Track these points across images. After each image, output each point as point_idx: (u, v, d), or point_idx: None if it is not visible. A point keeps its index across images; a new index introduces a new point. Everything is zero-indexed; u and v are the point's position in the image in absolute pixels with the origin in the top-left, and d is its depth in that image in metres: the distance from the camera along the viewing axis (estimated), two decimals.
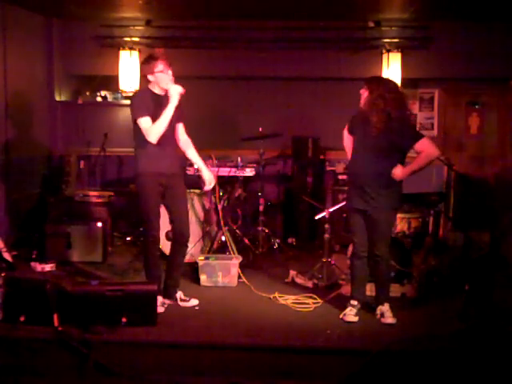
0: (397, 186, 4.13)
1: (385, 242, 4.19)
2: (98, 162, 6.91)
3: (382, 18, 6.82)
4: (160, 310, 4.24)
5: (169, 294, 4.47)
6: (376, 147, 4.06)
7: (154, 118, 4.17)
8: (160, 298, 4.33)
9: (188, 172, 5.62)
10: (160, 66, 4.20)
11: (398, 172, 4.05)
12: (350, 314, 4.22)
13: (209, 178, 4.46)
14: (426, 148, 4.02)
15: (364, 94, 4.12)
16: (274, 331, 3.97)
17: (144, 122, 4.16)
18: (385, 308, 4.21)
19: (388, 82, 4.22)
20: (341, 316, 4.23)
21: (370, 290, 4.55)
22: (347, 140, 4.39)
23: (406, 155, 4.15)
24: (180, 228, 4.41)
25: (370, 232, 4.20)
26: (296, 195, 6.60)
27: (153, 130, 4.14)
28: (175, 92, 4.15)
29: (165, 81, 4.22)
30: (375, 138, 4.06)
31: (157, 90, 4.27)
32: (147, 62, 4.25)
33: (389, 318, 4.17)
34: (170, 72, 4.24)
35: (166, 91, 4.24)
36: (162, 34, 7.00)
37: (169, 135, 4.28)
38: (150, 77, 4.24)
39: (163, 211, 4.43)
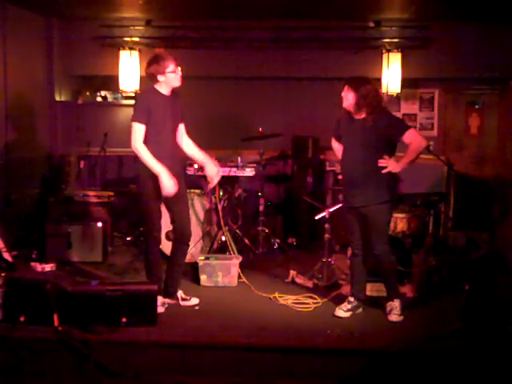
0: (385, 179, 4.11)
1: (381, 238, 4.18)
2: (98, 162, 6.91)
3: (382, 17, 6.82)
4: (160, 310, 4.24)
5: (169, 293, 4.47)
6: (364, 143, 4.11)
7: (157, 119, 4.18)
8: (160, 298, 4.32)
9: (188, 172, 5.62)
10: (171, 66, 4.19)
11: (394, 164, 4.06)
12: (341, 309, 4.28)
13: (211, 174, 4.39)
14: (413, 139, 4.07)
15: (348, 94, 4.15)
16: (274, 331, 3.97)
17: (137, 128, 4.14)
18: (394, 304, 4.23)
19: (365, 79, 4.30)
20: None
21: (370, 290, 4.56)
22: (337, 148, 4.44)
23: (395, 147, 4.17)
24: (181, 227, 4.41)
25: (365, 230, 4.22)
26: (296, 195, 6.60)
27: (139, 148, 4.13)
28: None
29: (175, 80, 4.24)
30: (363, 134, 4.12)
31: (163, 90, 4.26)
32: (157, 63, 4.20)
33: (393, 316, 4.18)
34: (179, 70, 4.25)
35: (172, 91, 4.27)
36: (162, 34, 7.01)
37: (170, 136, 4.29)
38: (160, 77, 4.21)
39: (164, 211, 4.43)
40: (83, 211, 5.82)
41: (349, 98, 4.14)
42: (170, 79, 4.22)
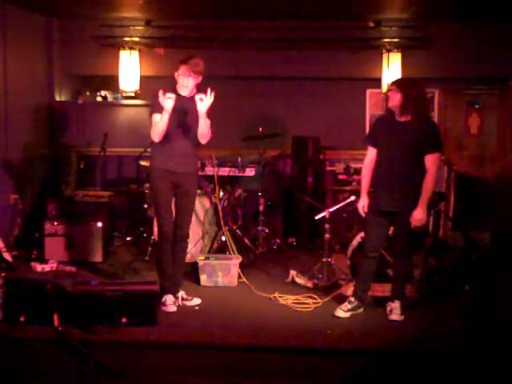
0: (421, 182, 4.09)
1: (407, 240, 4.22)
2: (98, 162, 6.91)
3: (382, 17, 6.82)
4: (172, 308, 4.30)
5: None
6: (405, 146, 4.07)
7: (172, 119, 4.18)
8: (171, 297, 4.36)
9: None
10: (181, 69, 4.20)
11: (420, 213, 4.05)
12: (341, 309, 4.27)
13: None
14: (432, 165, 4.03)
15: (395, 94, 4.09)
16: (274, 331, 3.97)
17: (154, 119, 4.22)
18: (394, 305, 4.23)
19: (416, 82, 4.23)
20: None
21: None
22: (370, 155, 4.30)
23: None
24: (181, 222, 4.42)
25: (395, 233, 4.26)
26: (296, 195, 6.60)
27: (152, 130, 4.21)
28: (168, 103, 4.10)
29: (181, 84, 4.24)
30: (404, 137, 4.06)
31: (181, 91, 4.28)
32: (180, 62, 4.24)
33: (394, 315, 4.19)
34: (187, 81, 4.21)
35: (191, 95, 4.26)
36: (162, 34, 7.01)
37: (181, 136, 4.29)
38: (175, 75, 4.26)
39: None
40: (83, 211, 5.82)
41: (395, 99, 4.09)
42: (179, 81, 4.24)
